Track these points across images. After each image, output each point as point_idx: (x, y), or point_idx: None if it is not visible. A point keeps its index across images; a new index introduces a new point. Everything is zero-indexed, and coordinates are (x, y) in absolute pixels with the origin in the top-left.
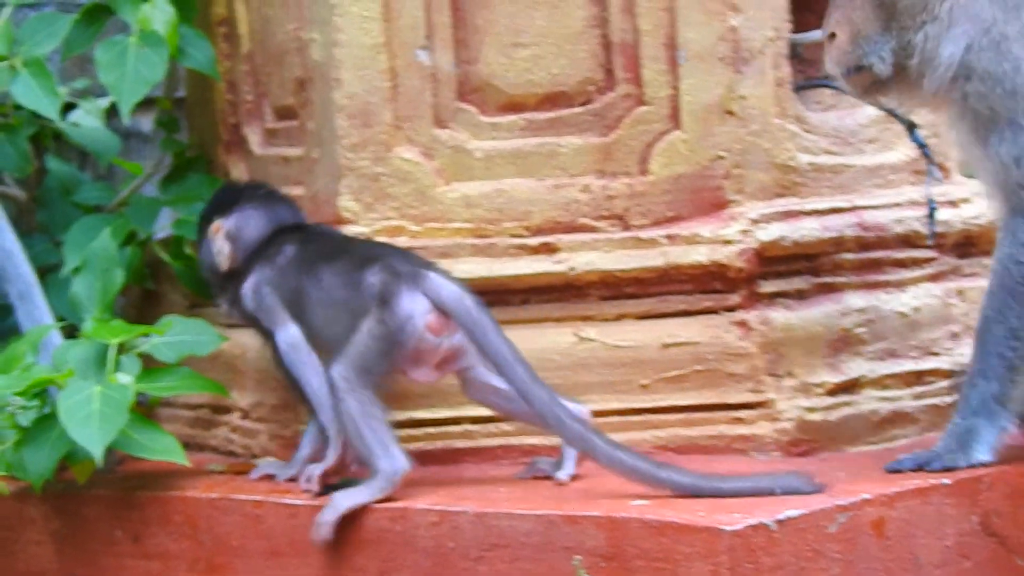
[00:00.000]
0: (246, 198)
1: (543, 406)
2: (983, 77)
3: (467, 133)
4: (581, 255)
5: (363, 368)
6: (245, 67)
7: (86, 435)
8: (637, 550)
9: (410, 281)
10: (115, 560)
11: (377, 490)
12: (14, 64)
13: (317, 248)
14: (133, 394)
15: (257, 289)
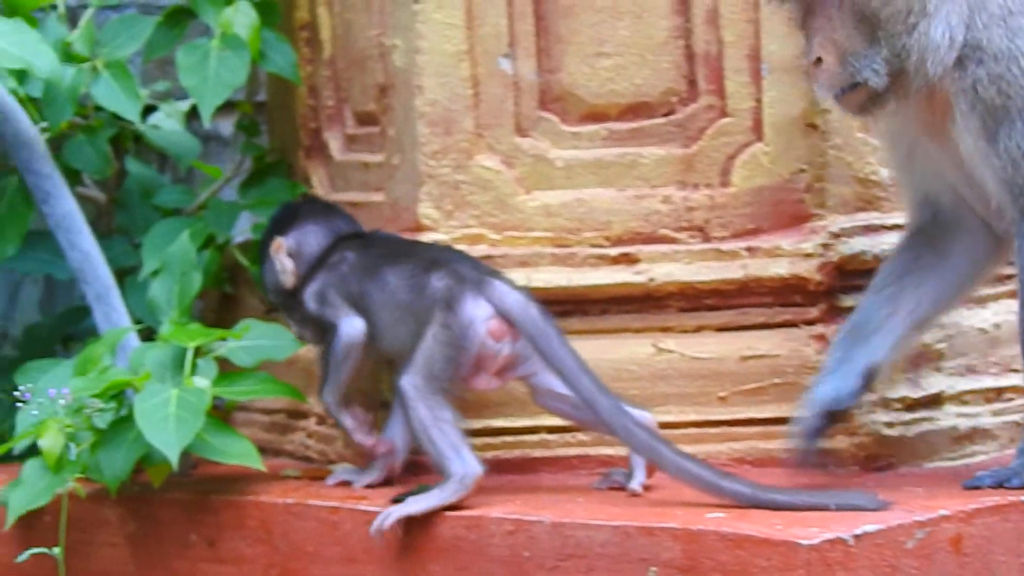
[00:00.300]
0: (303, 214)
1: (609, 414)
2: (996, 57)
3: (548, 142)
4: (661, 266)
5: (431, 375)
6: (327, 72)
7: (162, 438)
8: (713, 562)
9: (474, 287)
10: (189, 564)
11: (449, 494)
12: (96, 66)
13: (380, 252)
14: (209, 398)
15: (320, 291)
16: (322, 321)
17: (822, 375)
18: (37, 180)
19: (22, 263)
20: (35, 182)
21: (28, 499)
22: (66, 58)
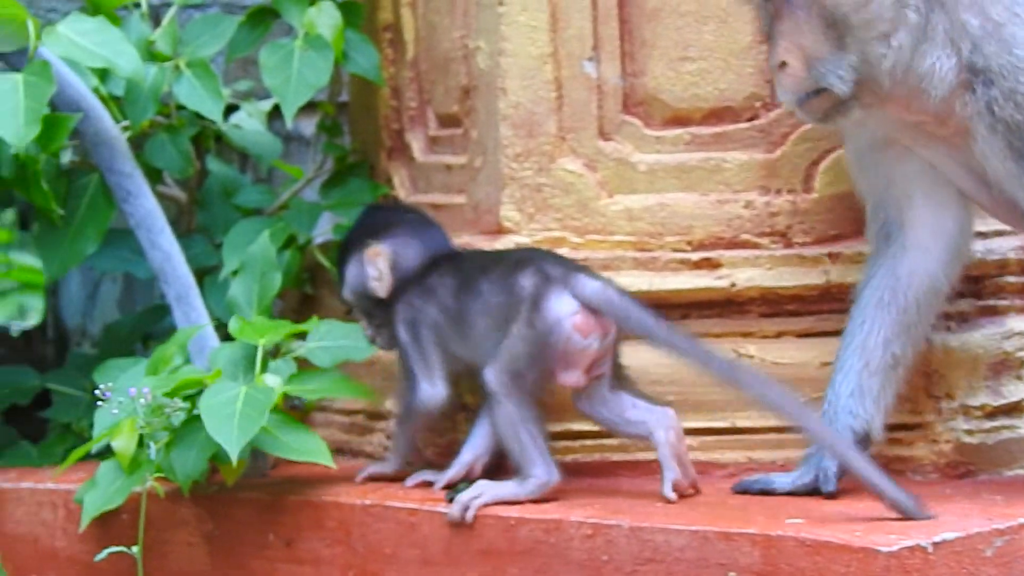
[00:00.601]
0: (402, 224)
1: (714, 363)
2: (1003, 73)
3: (631, 146)
4: (743, 271)
5: (515, 372)
6: (410, 73)
7: (225, 435)
8: (791, 568)
9: (559, 283)
10: (267, 564)
11: (526, 492)
12: (178, 65)
13: (473, 265)
14: (278, 396)
15: (413, 320)
16: (406, 358)
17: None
18: (118, 179)
19: (102, 261)
20: (116, 181)
21: (102, 500)
22: (148, 57)
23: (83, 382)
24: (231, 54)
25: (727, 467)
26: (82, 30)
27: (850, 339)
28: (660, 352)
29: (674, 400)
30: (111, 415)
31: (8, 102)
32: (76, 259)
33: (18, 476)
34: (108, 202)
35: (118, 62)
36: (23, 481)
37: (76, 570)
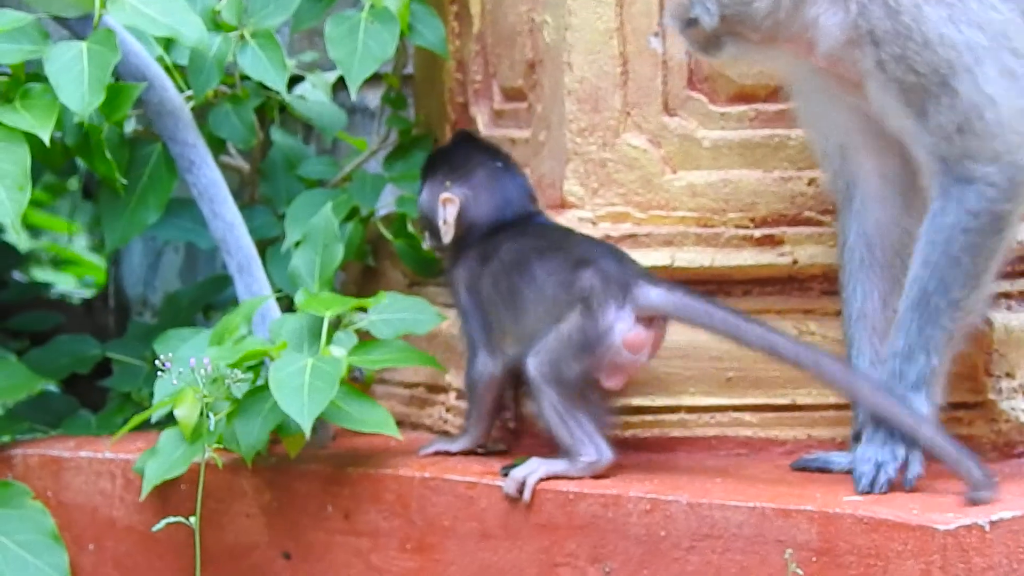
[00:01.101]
0: (486, 174)
1: (788, 349)
2: (888, 40)
3: (696, 122)
4: (805, 248)
5: (557, 365)
6: (475, 47)
7: (296, 406)
8: (849, 545)
9: (619, 293)
10: (325, 536)
11: (577, 470)
12: (243, 35)
13: (532, 244)
14: (345, 367)
15: (476, 290)
16: (465, 323)
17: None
18: (182, 149)
19: (164, 230)
20: (179, 151)
21: (163, 469)
22: (213, 27)
23: (143, 352)
24: (296, 25)
25: (786, 444)
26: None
27: (849, 308)
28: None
29: (733, 376)
30: (171, 384)
31: (72, 70)
32: (137, 228)
33: (77, 445)
34: (170, 172)
35: (183, 31)
36: (81, 450)
37: (133, 539)
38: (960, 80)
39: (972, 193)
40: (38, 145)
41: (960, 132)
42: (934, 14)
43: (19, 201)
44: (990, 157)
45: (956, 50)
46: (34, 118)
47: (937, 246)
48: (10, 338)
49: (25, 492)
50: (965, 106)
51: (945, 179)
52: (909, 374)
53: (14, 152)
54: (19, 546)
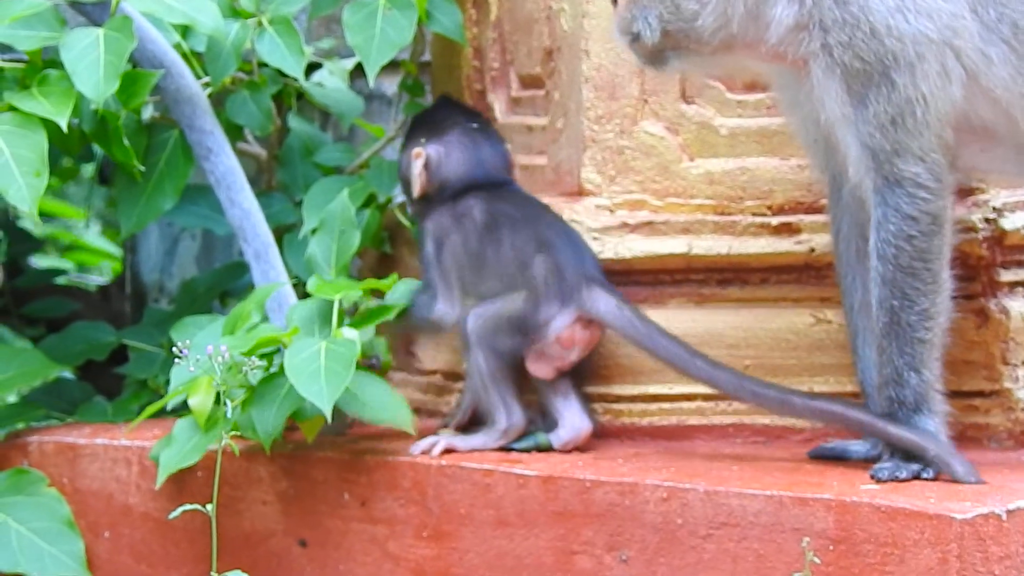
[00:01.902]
0: (461, 133)
1: (731, 386)
2: (836, 27)
3: (713, 109)
4: (822, 236)
5: (493, 331)
6: (493, 34)
7: (314, 390)
8: (866, 534)
9: (566, 291)
10: (341, 523)
11: (492, 440)
12: (261, 21)
13: (505, 211)
14: (359, 348)
15: (440, 243)
16: (427, 270)
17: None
18: (199, 136)
19: (180, 217)
20: (197, 138)
21: (178, 458)
22: (231, 13)
23: (160, 339)
24: (314, 12)
25: (803, 432)
26: None
27: (850, 299)
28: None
29: (751, 364)
30: (187, 372)
31: (88, 56)
32: (153, 214)
33: (92, 432)
34: (187, 158)
35: (199, 18)
36: (97, 437)
37: (149, 526)
38: (900, 73)
39: (905, 197)
40: (55, 131)
41: (894, 125)
42: (881, 4)
43: (36, 187)
44: (917, 156)
45: (902, 42)
46: (51, 104)
47: (888, 262)
48: (26, 325)
49: (41, 479)
50: (900, 100)
51: (878, 181)
52: (906, 397)
53: (31, 138)
54: (34, 533)
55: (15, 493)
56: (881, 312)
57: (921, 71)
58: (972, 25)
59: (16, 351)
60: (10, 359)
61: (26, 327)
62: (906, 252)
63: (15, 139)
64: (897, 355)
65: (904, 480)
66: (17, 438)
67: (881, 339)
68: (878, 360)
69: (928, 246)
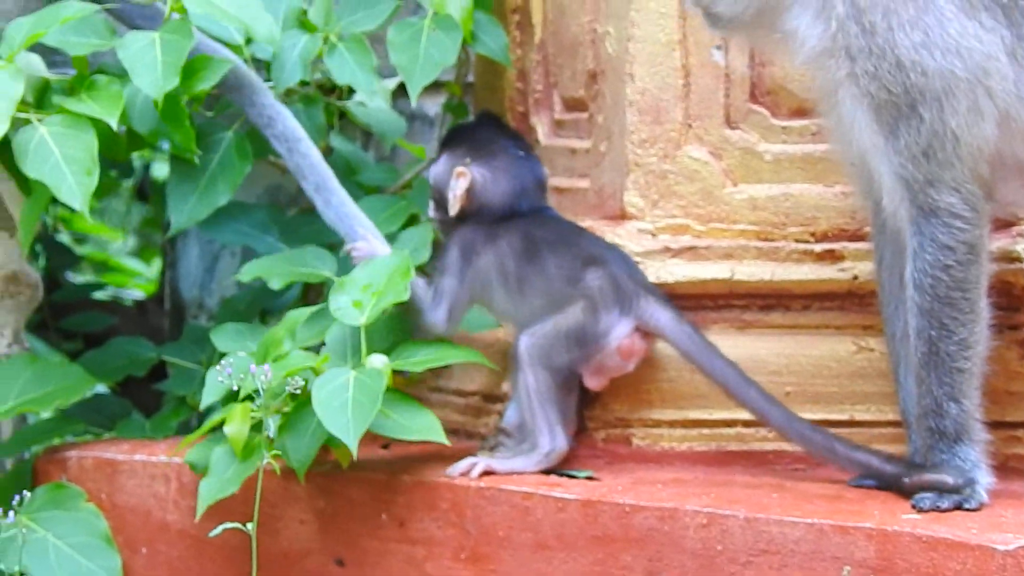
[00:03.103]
0: (507, 160)
1: (780, 421)
2: (866, 56)
3: (757, 135)
4: (865, 264)
5: (548, 351)
6: (537, 56)
7: (340, 425)
8: (907, 564)
9: (625, 300)
10: (379, 543)
11: (533, 464)
12: (328, 37)
13: (544, 235)
14: (387, 378)
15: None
16: (442, 274)
17: None
18: (259, 110)
19: (222, 233)
20: (257, 111)
21: (217, 488)
22: (298, 25)
23: (199, 355)
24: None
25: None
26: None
27: (892, 327)
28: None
29: (792, 391)
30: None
31: (146, 56)
32: (205, 210)
33: (131, 448)
34: (242, 158)
35: (255, 27)
36: (136, 453)
37: (187, 543)
38: (928, 108)
39: (940, 227)
40: (105, 134)
41: (925, 156)
42: (907, 39)
43: (87, 185)
44: (951, 186)
45: (927, 77)
46: (100, 106)
47: (925, 292)
48: (63, 339)
49: (79, 494)
50: (929, 133)
51: (913, 210)
52: (946, 427)
53: (81, 138)
54: (72, 548)
55: (53, 508)
56: (919, 342)
57: (950, 107)
58: (1007, 67)
59: (55, 366)
60: (49, 374)
61: (63, 341)
62: (943, 282)
63: (65, 139)
64: (936, 385)
65: (946, 510)
66: (56, 453)
67: (920, 369)
68: (917, 390)
69: (965, 275)
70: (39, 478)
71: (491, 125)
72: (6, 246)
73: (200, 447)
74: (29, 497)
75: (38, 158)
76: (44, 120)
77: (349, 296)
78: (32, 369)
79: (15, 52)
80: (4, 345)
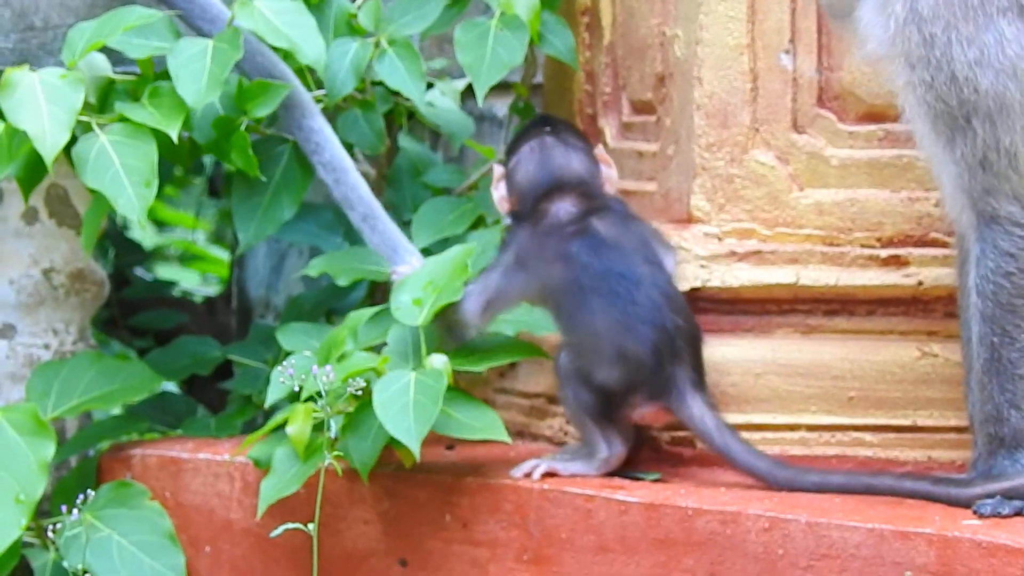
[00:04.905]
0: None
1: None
2: (924, 65)
3: (824, 140)
4: (930, 270)
5: (584, 374)
6: (605, 59)
7: (402, 428)
8: (967, 569)
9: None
10: (443, 545)
11: (593, 468)
12: (379, 41)
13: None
14: (448, 378)
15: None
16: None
17: None
18: (307, 135)
19: (289, 233)
20: (305, 136)
21: (279, 487)
22: (348, 31)
23: (265, 355)
24: (427, 31)
25: (906, 465)
26: (277, 8)
27: (967, 332)
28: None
29: (855, 396)
30: (282, 386)
31: (194, 64)
32: (272, 227)
33: (195, 447)
34: (304, 171)
35: (303, 46)
36: (200, 452)
37: (250, 542)
38: (981, 123)
39: (1002, 234)
40: (166, 142)
41: (982, 167)
42: (963, 55)
43: (145, 197)
44: (1011, 196)
45: (979, 94)
46: (161, 115)
47: (988, 298)
48: (134, 336)
49: (143, 492)
50: (984, 147)
51: (973, 217)
52: (1007, 434)
53: (141, 148)
54: (136, 546)
55: (118, 506)
56: (982, 348)
57: (1003, 126)
58: None
59: (121, 364)
60: (115, 372)
61: (133, 339)
62: (1005, 289)
63: (126, 149)
64: (998, 392)
65: (1007, 516)
66: (121, 451)
67: (982, 376)
68: (979, 397)
69: None
70: (103, 476)
71: (535, 123)
72: (72, 243)
73: (264, 444)
74: (93, 495)
75: (98, 168)
76: (105, 128)
77: (410, 294)
78: (97, 367)
79: (77, 59)
80: (70, 342)
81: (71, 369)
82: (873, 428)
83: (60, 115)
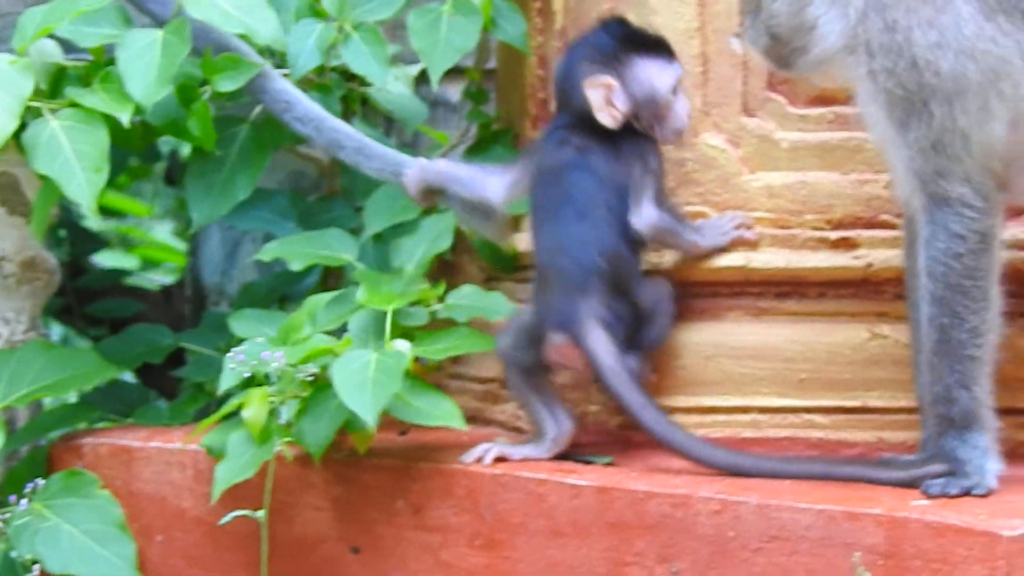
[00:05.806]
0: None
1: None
2: (885, 52)
3: (774, 123)
4: (880, 252)
5: (514, 348)
6: (558, 43)
7: (359, 402)
8: (915, 550)
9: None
10: (394, 530)
11: (544, 450)
12: (343, 26)
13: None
14: (409, 360)
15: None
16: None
17: None
18: (273, 96)
19: (243, 220)
20: (271, 99)
21: (234, 472)
22: (311, 13)
23: (218, 342)
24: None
25: (856, 446)
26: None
27: (916, 313)
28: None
29: (806, 378)
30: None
31: (143, 58)
32: (226, 205)
33: (147, 435)
34: (260, 151)
35: (257, 27)
36: (152, 440)
37: (202, 531)
38: (939, 105)
39: (952, 216)
40: (117, 128)
41: (934, 150)
42: (924, 38)
43: (96, 183)
44: (962, 178)
45: (939, 77)
46: (112, 100)
47: (938, 279)
48: (89, 325)
49: (94, 481)
50: (939, 128)
51: (924, 199)
52: (956, 415)
53: (92, 134)
54: (86, 535)
55: (68, 495)
56: (931, 330)
57: (960, 107)
58: (1021, 72)
59: (73, 352)
60: (67, 360)
61: (89, 327)
62: (955, 270)
63: (76, 134)
64: (947, 373)
65: (955, 496)
66: (72, 440)
67: (932, 357)
68: (929, 378)
69: (977, 264)
70: (54, 465)
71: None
72: (23, 232)
73: (217, 432)
74: (43, 484)
75: (49, 153)
76: (56, 113)
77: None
78: (47, 356)
79: (27, 44)
80: (21, 331)
81: (21, 358)
82: (824, 410)
83: (9, 102)
